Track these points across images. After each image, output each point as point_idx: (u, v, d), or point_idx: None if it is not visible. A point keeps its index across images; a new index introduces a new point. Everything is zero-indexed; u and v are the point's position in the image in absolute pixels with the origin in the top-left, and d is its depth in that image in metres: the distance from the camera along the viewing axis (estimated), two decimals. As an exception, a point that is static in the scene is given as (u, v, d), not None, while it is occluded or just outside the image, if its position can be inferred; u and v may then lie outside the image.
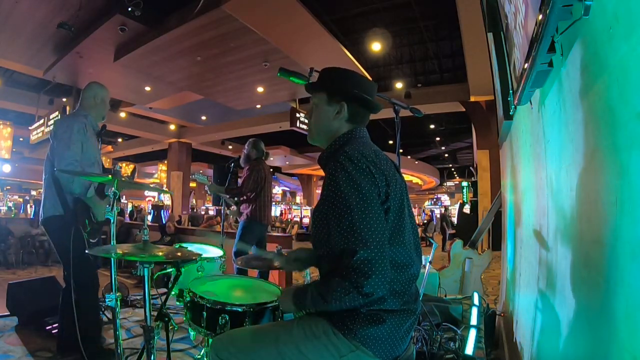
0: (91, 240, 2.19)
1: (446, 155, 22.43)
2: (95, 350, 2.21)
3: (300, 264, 1.42)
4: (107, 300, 1.70)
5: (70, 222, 2.14)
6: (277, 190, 25.25)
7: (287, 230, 14.57)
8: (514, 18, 1.54)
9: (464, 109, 9.61)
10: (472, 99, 8.74)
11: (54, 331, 2.67)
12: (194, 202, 19.93)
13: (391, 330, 1.07)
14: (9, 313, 2.95)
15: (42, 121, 9.37)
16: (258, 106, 10.42)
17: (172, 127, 14.47)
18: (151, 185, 15.75)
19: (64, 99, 9.23)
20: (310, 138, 1.31)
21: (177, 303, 2.95)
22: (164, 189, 15.05)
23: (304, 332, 1.10)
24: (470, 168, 16.48)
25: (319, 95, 1.27)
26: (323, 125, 1.26)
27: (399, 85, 10.51)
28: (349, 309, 1.06)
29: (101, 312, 2.82)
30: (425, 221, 16.07)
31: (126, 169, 15.92)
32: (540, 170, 1.65)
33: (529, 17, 1.19)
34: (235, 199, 3.68)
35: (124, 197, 17.14)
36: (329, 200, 1.07)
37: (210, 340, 1.48)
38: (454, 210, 15.03)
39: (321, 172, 1.23)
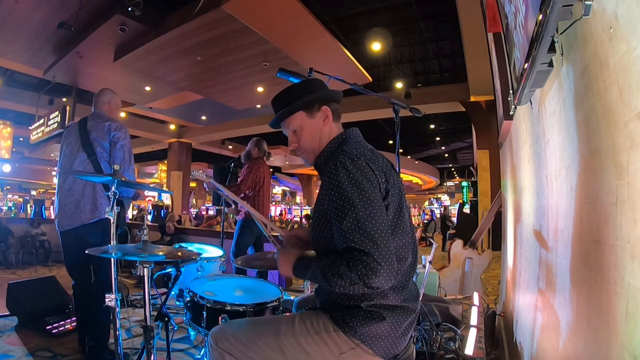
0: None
1: (446, 155, 22.43)
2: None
3: (299, 241, 1.41)
4: (107, 300, 1.70)
5: (118, 224, 2.19)
6: (277, 190, 25.25)
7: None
8: (514, 18, 1.54)
9: (464, 109, 9.61)
10: (472, 99, 8.73)
11: (53, 331, 2.68)
12: (194, 201, 19.93)
13: (391, 328, 1.08)
14: (9, 313, 2.95)
15: (42, 121, 9.37)
16: (258, 106, 10.41)
17: (172, 127, 14.46)
18: (151, 185, 15.74)
19: (64, 99, 9.21)
20: (308, 161, 1.28)
21: (177, 303, 2.96)
22: (164, 189, 15.04)
23: (305, 326, 1.12)
24: (470, 168, 16.49)
25: (297, 119, 1.25)
26: (315, 138, 1.24)
27: (399, 85, 10.52)
28: (350, 305, 1.08)
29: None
30: (426, 221, 16.06)
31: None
32: (540, 170, 1.65)
33: (529, 17, 1.19)
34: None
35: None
36: (331, 200, 1.07)
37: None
38: (454, 210, 15.02)
39: (321, 172, 1.23)
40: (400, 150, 2.30)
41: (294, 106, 1.24)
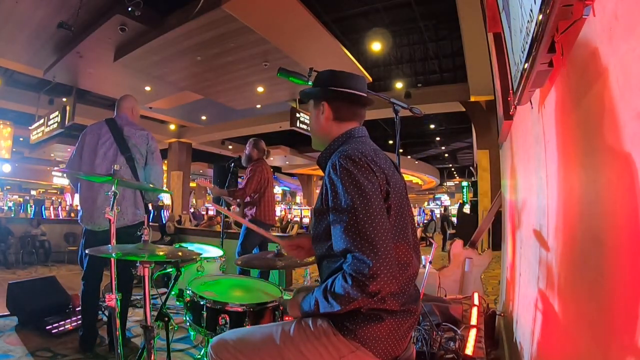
0: None
1: (446, 155, 22.43)
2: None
3: (302, 251, 1.40)
4: (107, 300, 1.70)
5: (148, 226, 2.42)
6: (277, 190, 25.25)
7: (287, 230, 14.57)
8: (514, 18, 1.54)
9: (464, 109, 9.61)
10: (472, 99, 8.73)
11: (53, 331, 2.68)
12: (194, 201, 19.91)
13: (391, 330, 1.07)
14: (9, 313, 2.95)
15: (42, 121, 9.36)
16: (258, 106, 10.42)
17: (172, 127, 14.46)
18: (151, 185, 15.71)
19: (64, 99, 9.21)
20: (313, 144, 1.34)
21: (177, 303, 2.96)
22: (164, 189, 15.03)
23: (305, 332, 1.10)
24: (470, 168, 16.50)
25: (310, 102, 1.31)
26: (315, 129, 1.29)
27: (399, 85, 10.52)
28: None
29: (101, 312, 2.83)
30: (426, 221, 16.05)
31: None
32: (540, 170, 1.65)
33: (529, 17, 1.19)
34: (238, 200, 3.69)
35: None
36: (331, 201, 1.06)
37: (210, 340, 1.48)
38: (454, 210, 15.01)
39: (321, 172, 1.23)
40: (401, 150, 2.30)
41: (304, 93, 1.30)
